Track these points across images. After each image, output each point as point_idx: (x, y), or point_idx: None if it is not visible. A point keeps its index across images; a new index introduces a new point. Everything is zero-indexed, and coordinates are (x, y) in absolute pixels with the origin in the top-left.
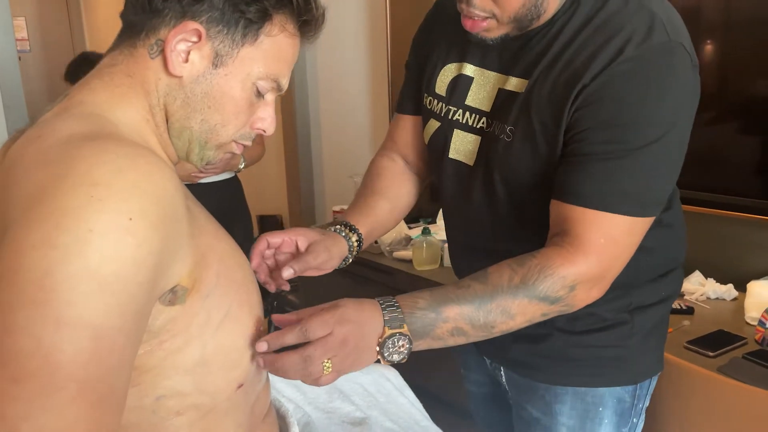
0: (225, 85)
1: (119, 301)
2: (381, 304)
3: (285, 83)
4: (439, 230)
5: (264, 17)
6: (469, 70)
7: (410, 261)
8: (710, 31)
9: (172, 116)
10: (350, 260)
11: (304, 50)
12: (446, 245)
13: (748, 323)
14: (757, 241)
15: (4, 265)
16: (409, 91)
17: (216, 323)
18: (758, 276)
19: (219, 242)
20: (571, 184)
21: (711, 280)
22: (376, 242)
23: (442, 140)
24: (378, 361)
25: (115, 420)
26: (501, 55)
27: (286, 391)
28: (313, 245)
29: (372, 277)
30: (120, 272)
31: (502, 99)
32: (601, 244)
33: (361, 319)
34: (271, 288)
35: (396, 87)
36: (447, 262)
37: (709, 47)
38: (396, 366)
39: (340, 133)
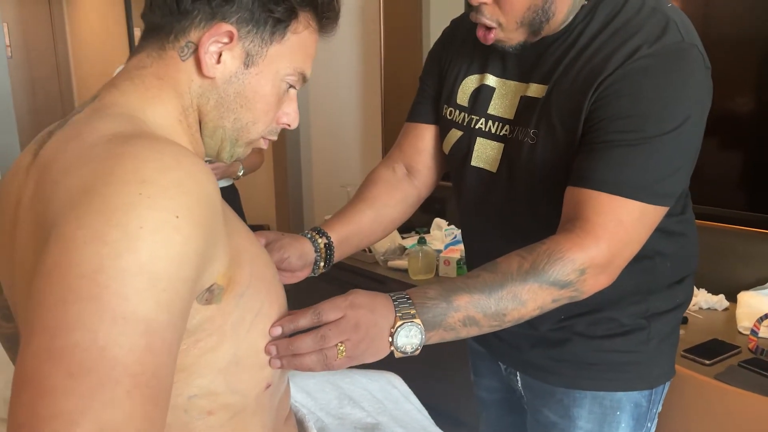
0: (256, 84)
1: (168, 297)
2: (392, 296)
3: (309, 76)
4: (433, 240)
5: (291, 15)
6: (491, 80)
7: (405, 270)
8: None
9: (205, 116)
10: (322, 264)
11: None
12: (441, 255)
13: (740, 332)
14: (746, 252)
15: (54, 261)
16: (423, 101)
17: (248, 323)
18: (748, 287)
19: (250, 243)
20: (585, 169)
21: (703, 291)
22: (369, 251)
23: (464, 148)
24: (391, 354)
25: (164, 415)
26: (520, 64)
27: (297, 397)
28: (270, 244)
29: (366, 285)
30: (168, 268)
31: (525, 105)
32: (611, 229)
33: (373, 305)
34: None
35: (388, 97)
36: (442, 271)
37: None
38: (403, 374)
39: (331, 143)
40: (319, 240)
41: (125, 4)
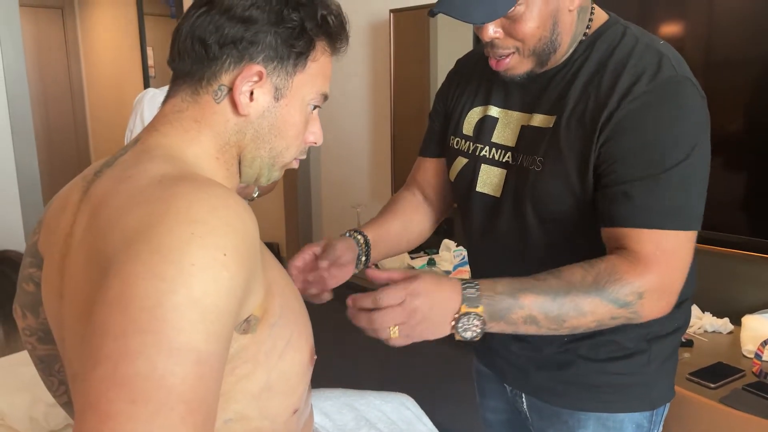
0: (287, 115)
1: (217, 328)
2: (462, 283)
3: (329, 94)
4: (442, 261)
5: (310, 46)
6: (494, 111)
7: None
8: (693, 70)
9: (243, 149)
10: (363, 259)
11: None
12: (450, 276)
13: (744, 356)
14: (749, 276)
15: (116, 294)
16: (433, 137)
17: (280, 351)
18: (752, 310)
19: (280, 275)
20: (616, 209)
21: (708, 314)
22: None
23: (469, 175)
24: (451, 336)
25: None
26: (523, 96)
27: (317, 418)
28: (326, 246)
29: None
30: (217, 302)
31: (528, 134)
32: (659, 258)
33: (437, 292)
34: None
35: (397, 119)
36: None
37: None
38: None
39: (340, 165)
40: (359, 237)
41: (139, 25)
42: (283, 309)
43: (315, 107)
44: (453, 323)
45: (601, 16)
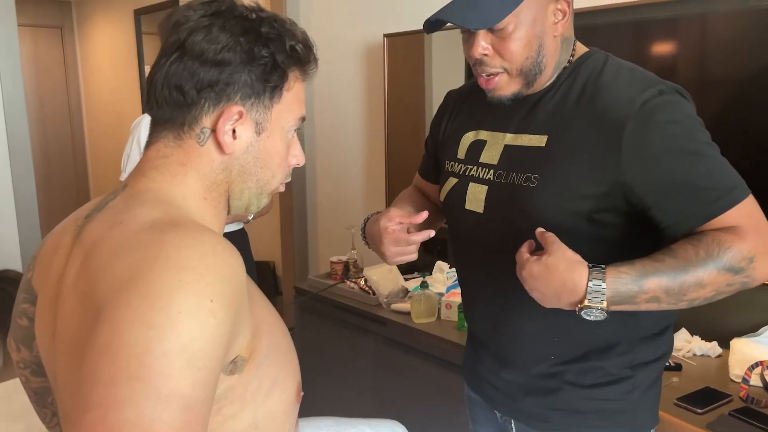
0: (270, 145)
1: (203, 375)
2: (589, 273)
3: (305, 116)
4: (435, 282)
5: (283, 78)
6: (483, 135)
7: (408, 313)
8: (687, 81)
9: (231, 184)
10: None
11: None
12: (443, 299)
13: (732, 380)
14: (738, 299)
15: (106, 341)
16: (428, 163)
17: (266, 390)
18: (740, 333)
19: (268, 314)
20: (689, 212)
21: (696, 338)
22: (373, 293)
23: (460, 194)
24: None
25: None
26: (509, 118)
27: None
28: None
29: (370, 328)
30: (204, 349)
31: (515, 153)
32: (749, 224)
33: (561, 281)
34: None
35: (391, 142)
36: (444, 315)
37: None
38: (403, 422)
39: (336, 186)
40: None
41: (137, 44)
42: (270, 348)
43: (294, 131)
44: (578, 309)
45: (581, 48)
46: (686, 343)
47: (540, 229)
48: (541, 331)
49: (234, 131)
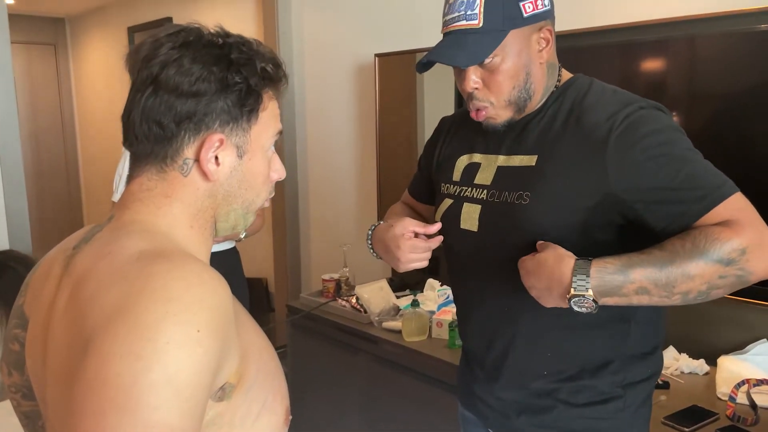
0: (252, 167)
1: (190, 405)
2: (574, 267)
3: (282, 129)
4: (426, 300)
5: (258, 101)
6: (477, 157)
7: (399, 331)
8: (675, 103)
9: (217, 209)
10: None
11: (294, 120)
12: (434, 317)
13: (719, 398)
14: (725, 316)
15: (93, 374)
16: (420, 183)
17: (255, 414)
18: (727, 351)
19: (256, 337)
20: (679, 212)
21: (684, 355)
22: (365, 311)
23: (455, 213)
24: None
25: None
26: (501, 141)
27: None
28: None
29: (361, 346)
30: (191, 378)
31: (507, 173)
32: (741, 217)
33: (549, 274)
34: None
35: (383, 159)
36: (435, 333)
37: (675, 118)
38: None
39: (328, 204)
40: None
41: None
42: (258, 372)
43: (273, 146)
44: (568, 300)
45: (567, 74)
46: (674, 361)
47: (541, 242)
48: (535, 345)
49: (216, 158)
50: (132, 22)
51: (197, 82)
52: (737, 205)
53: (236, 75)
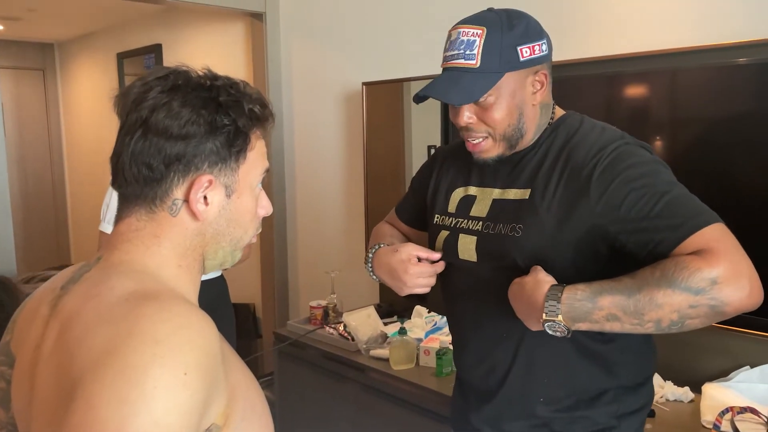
0: (240, 205)
1: None
2: (547, 293)
3: (269, 167)
4: (414, 327)
5: (246, 141)
6: (473, 190)
7: (387, 360)
8: (658, 129)
9: (205, 247)
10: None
11: (282, 147)
12: (421, 344)
13: (704, 426)
14: (709, 344)
15: (80, 418)
16: (409, 205)
17: None
18: (711, 378)
19: (244, 376)
20: (657, 240)
21: (669, 383)
22: (352, 339)
23: (452, 244)
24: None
25: None
26: (497, 175)
27: None
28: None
29: (349, 375)
30: (178, 421)
31: (503, 206)
32: (717, 247)
33: (526, 300)
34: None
35: (371, 186)
36: (423, 361)
37: (658, 143)
38: None
39: (316, 230)
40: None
41: (119, 85)
42: (245, 411)
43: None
44: (542, 323)
45: (559, 111)
46: (659, 388)
47: (534, 266)
48: (532, 372)
49: (205, 198)
50: (121, 48)
51: (186, 125)
52: (714, 235)
53: (225, 117)
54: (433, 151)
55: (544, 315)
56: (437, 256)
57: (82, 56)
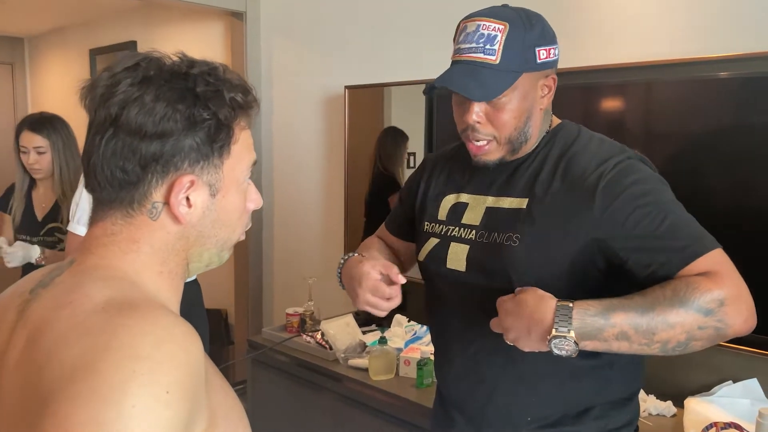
0: (227, 204)
1: None
2: (556, 307)
3: (256, 159)
4: (394, 336)
5: (230, 135)
6: (464, 198)
7: (365, 369)
8: (633, 141)
9: (189, 250)
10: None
11: (260, 149)
12: (401, 354)
13: None
14: (691, 358)
15: None
16: (399, 218)
17: None
18: (694, 392)
19: (225, 397)
20: (662, 261)
21: (652, 397)
22: (330, 348)
23: (441, 253)
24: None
25: None
26: (490, 183)
27: None
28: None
29: (326, 385)
30: None
31: (497, 215)
32: (721, 270)
33: (530, 315)
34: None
35: (351, 191)
36: (403, 372)
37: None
38: None
39: (293, 235)
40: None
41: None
42: None
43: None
44: (548, 342)
45: (555, 119)
46: (642, 402)
47: (519, 287)
48: (519, 389)
49: (188, 199)
50: (94, 44)
51: (162, 122)
52: (718, 258)
53: (204, 110)
54: (413, 158)
55: (553, 331)
56: (400, 281)
57: (53, 51)
